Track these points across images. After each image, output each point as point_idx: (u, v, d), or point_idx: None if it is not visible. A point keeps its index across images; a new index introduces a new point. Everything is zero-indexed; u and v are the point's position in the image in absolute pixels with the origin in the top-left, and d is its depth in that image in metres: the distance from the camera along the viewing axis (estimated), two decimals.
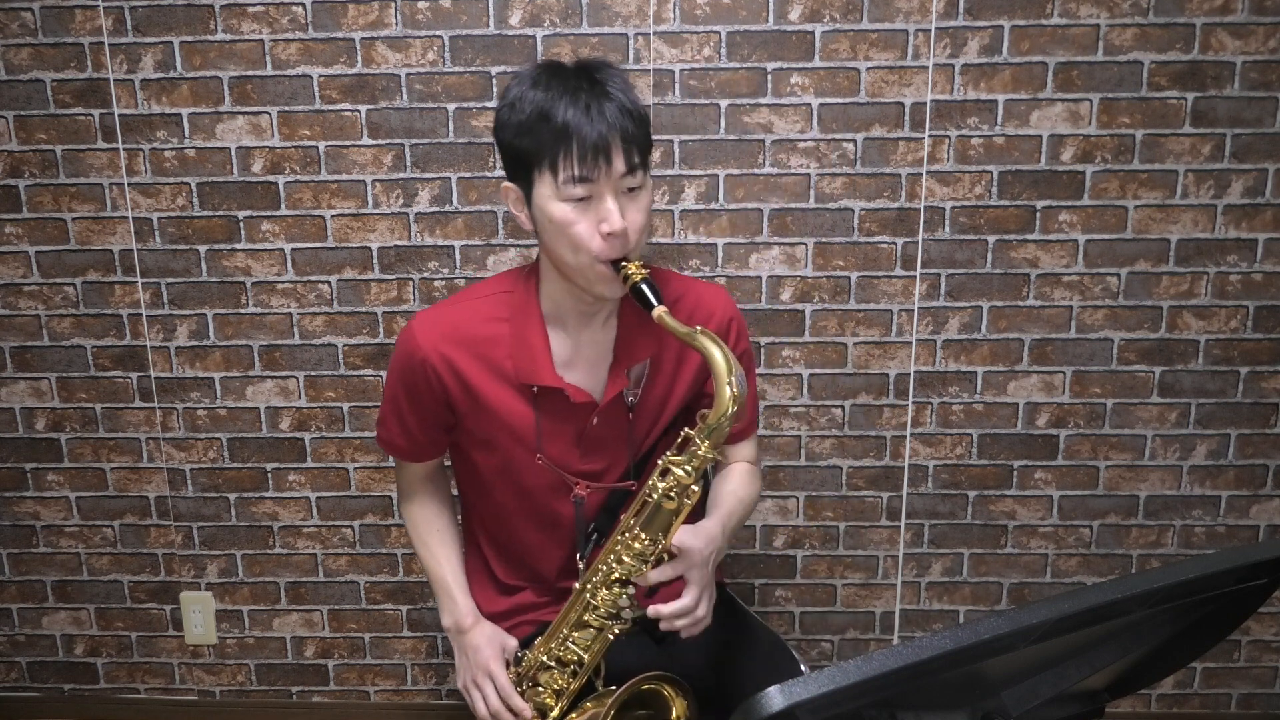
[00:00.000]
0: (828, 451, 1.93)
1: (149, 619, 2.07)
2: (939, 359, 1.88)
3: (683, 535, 1.13)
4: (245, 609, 2.05)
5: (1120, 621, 0.72)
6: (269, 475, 1.97)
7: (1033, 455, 1.92)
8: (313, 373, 1.92)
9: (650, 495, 1.11)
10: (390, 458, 1.62)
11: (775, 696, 0.57)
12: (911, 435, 1.92)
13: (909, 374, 1.89)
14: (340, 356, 1.91)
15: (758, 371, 1.87)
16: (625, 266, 1.09)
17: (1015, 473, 1.93)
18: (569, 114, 1.04)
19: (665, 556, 1.13)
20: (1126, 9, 1.72)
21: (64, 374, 1.93)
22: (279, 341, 1.90)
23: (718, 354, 1.05)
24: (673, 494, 1.09)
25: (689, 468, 1.09)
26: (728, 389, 1.05)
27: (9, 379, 1.94)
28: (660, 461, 1.11)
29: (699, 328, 1.08)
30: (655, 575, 1.11)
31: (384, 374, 1.91)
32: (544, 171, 1.07)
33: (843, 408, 1.91)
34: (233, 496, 1.98)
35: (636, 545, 1.12)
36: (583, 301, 1.19)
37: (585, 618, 1.19)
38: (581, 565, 1.27)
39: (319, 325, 1.90)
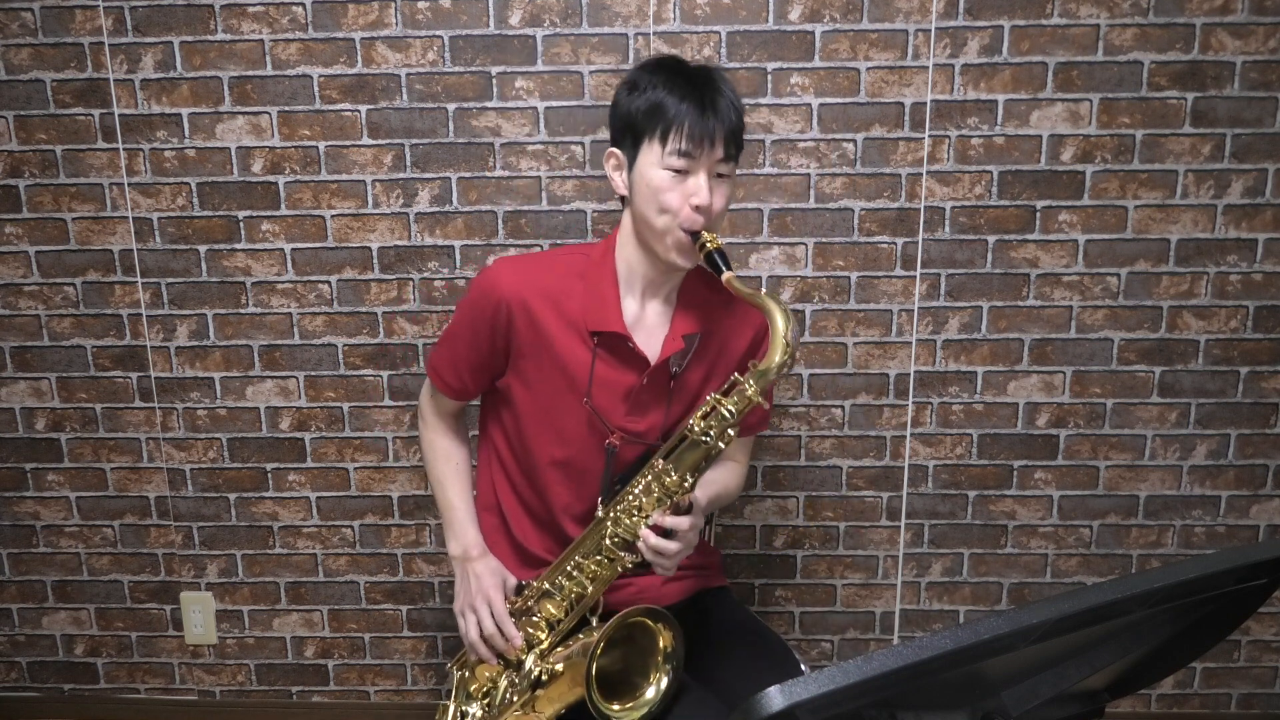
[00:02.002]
0: (828, 451, 1.93)
1: (149, 619, 2.07)
2: (939, 359, 1.88)
3: (697, 491, 1.23)
4: (245, 609, 2.05)
5: (1120, 621, 0.72)
6: (269, 475, 1.97)
7: (1033, 455, 1.92)
8: (313, 373, 1.92)
9: (690, 430, 1.19)
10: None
11: (775, 696, 0.57)
12: (911, 435, 1.92)
13: (909, 374, 1.89)
14: (340, 356, 1.91)
15: None
16: (703, 235, 1.20)
17: (1015, 473, 1.93)
18: (687, 100, 1.18)
19: (683, 505, 1.21)
20: (1126, 9, 1.72)
21: (64, 374, 1.93)
22: (279, 341, 1.90)
23: (776, 310, 1.15)
24: (710, 433, 1.17)
25: (733, 407, 1.17)
26: (782, 339, 1.14)
27: (9, 379, 1.94)
28: (708, 399, 1.19)
29: (762, 290, 1.19)
30: (666, 521, 1.20)
31: (384, 374, 1.91)
32: (653, 141, 1.20)
33: (843, 408, 1.91)
34: (233, 496, 1.98)
35: (666, 479, 1.20)
36: (655, 269, 1.28)
37: (600, 543, 1.24)
38: (600, 511, 1.30)
39: (319, 325, 1.90)
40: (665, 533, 1.19)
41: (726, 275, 1.18)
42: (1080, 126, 1.77)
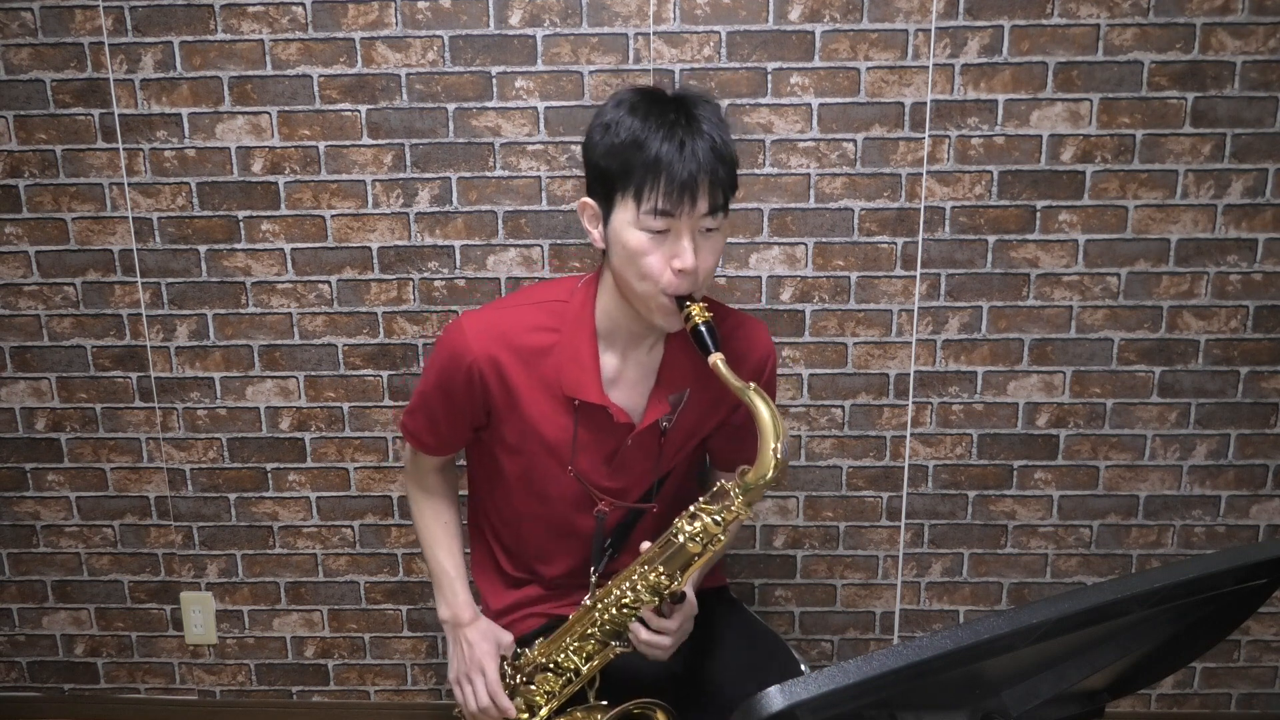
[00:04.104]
0: (828, 451, 1.93)
1: (149, 619, 2.07)
2: (939, 359, 1.88)
3: (688, 586, 1.17)
4: (245, 609, 2.05)
5: (1120, 621, 0.72)
6: (269, 475, 1.97)
7: (1033, 455, 1.92)
8: (313, 373, 1.92)
9: (676, 536, 1.12)
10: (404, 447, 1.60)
11: (775, 696, 0.57)
12: (911, 435, 1.92)
13: (909, 374, 1.89)
14: (340, 356, 1.91)
15: None
16: (689, 306, 1.09)
17: (1015, 473, 1.93)
18: (663, 148, 1.03)
19: (676, 595, 1.16)
20: (1126, 9, 1.72)
21: (64, 374, 1.93)
22: (279, 341, 1.90)
23: (766, 415, 1.05)
24: (698, 538, 1.10)
25: (719, 518, 1.09)
26: (771, 452, 1.05)
27: (9, 379, 1.94)
28: (692, 508, 1.12)
29: (751, 385, 1.08)
30: (654, 624, 1.15)
31: (384, 374, 1.91)
32: (627, 198, 1.06)
33: (843, 408, 1.91)
34: (233, 496, 1.98)
35: (653, 577, 1.14)
36: (638, 324, 1.18)
37: (590, 631, 1.21)
38: (594, 579, 1.28)
39: (319, 325, 1.90)
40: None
41: (713, 358, 1.07)
42: (1080, 126, 1.77)
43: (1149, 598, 0.68)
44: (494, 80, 1.77)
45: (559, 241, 1.84)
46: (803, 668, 1.35)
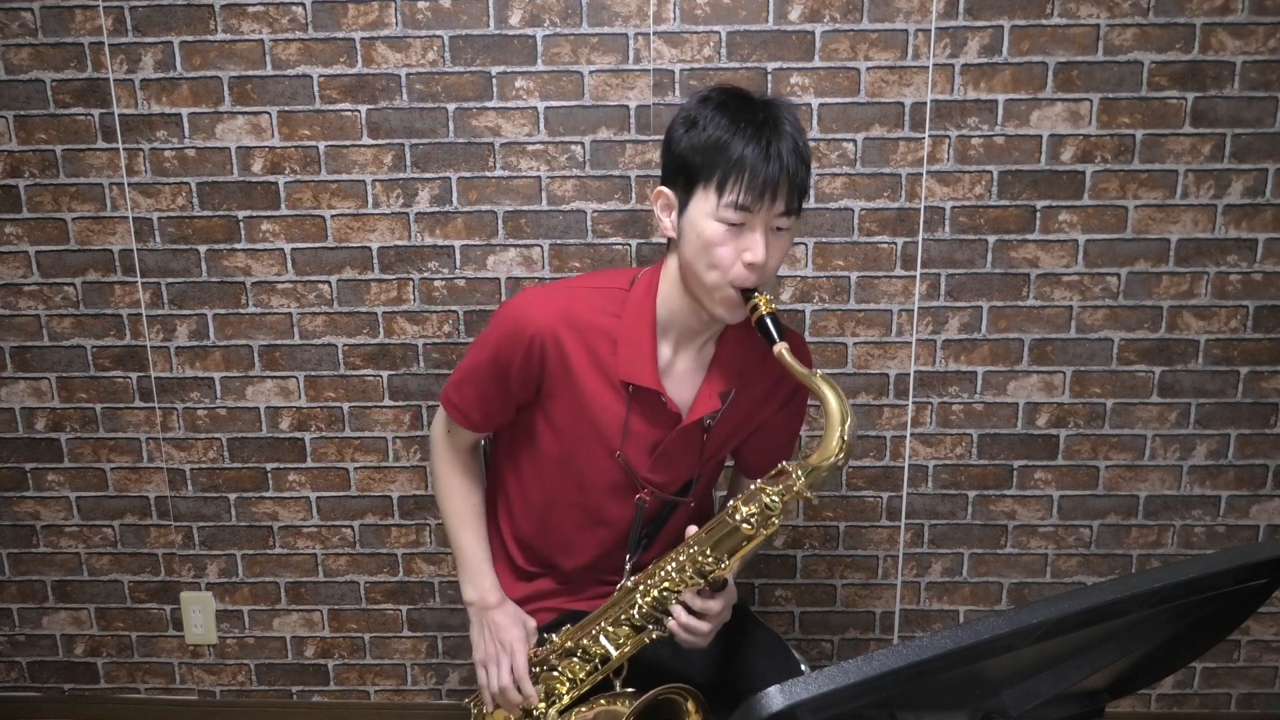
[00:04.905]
0: None
1: (149, 619, 2.07)
2: (939, 359, 1.88)
3: (730, 573, 1.16)
4: (245, 609, 2.05)
5: (1120, 621, 0.72)
6: (269, 475, 1.97)
7: (1033, 455, 1.92)
8: (313, 373, 1.92)
9: (732, 516, 1.12)
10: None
11: (775, 696, 0.57)
12: (911, 435, 1.92)
13: (909, 374, 1.89)
14: (340, 356, 1.91)
15: None
16: (755, 298, 1.12)
17: (1015, 473, 1.93)
18: (749, 146, 1.07)
19: (718, 583, 1.15)
20: (1126, 9, 1.72)
21: (64, 374, 1.93)
22: (279, 341, 1.90)
23: (833, 401, 1.08)
24: (753, 520, 1.11)
25: (777, 499, 1.10)
26: (838, 436, 1.07)
27: (9, 379, 1.94)
28: (754, 485, 1.13)
29: (818, 371, 1.11)
30: (698, 606, 1.14)
31: (384, 374, 1.91)
32: (709, 190, 1.10)
33: None
34: (233, 496, 1.98)
35: (701, 559, 1.14)
36: (697, 318, 1.20)
37: (628, 614, 1.20)
38: (629, 567, 1.27)
39: (319, 325, 1.90)
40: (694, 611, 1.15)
41: (778, 347, 1.10)
42: (1080, 126, 1.77)
43: (1149, 598, 0.68)
44: (494, 80, 1.77)
45: (559, 241, 1.84)
46: (803, 668, 1.35)
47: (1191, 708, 2.05)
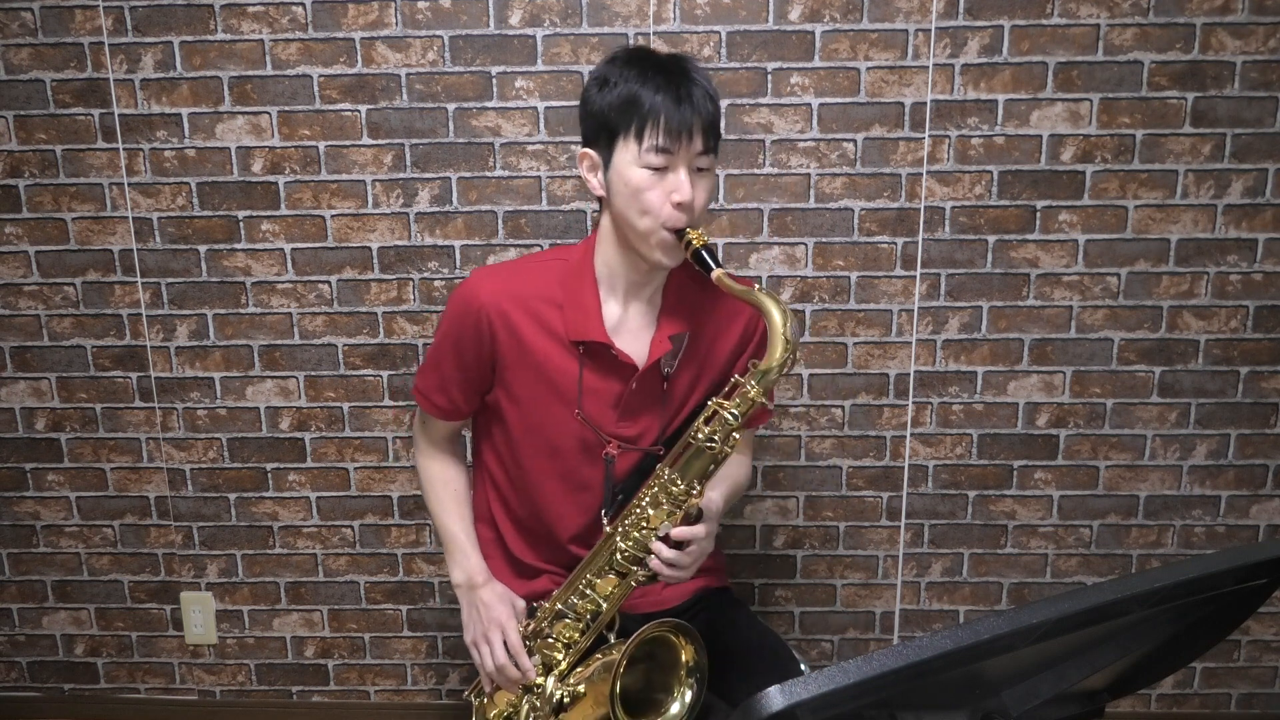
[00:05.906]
0: (828, 451, 1.93)
1: (149, 619, 2.07)
2: (939, 359, 1.88)
3: (708, 493, 1.19)
4: (245, 609, 2.05)
5: (1120, 621, 0.72)
6: (269, 475, 1.97)
7: (1033, 455, 1.92)
8: (313, 373, 1.92)
9: (694, 437, 1.16)
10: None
11: (775, 696, 0.57)
12: (911, 435, 1.92)
13: (909, 374, 1.89)
14: (340, 356, 1.91)
15: None
16: (688, 233, 1.17)
17: (1015, 473, 1.93)
18: (660, 94, 1.14)
19: (692, 513, 1.17)
20: (1126, 9, 1.72)
21: (64, 374, 1.93)
22: (279, 341, 1.90)
23: (773, 307, 1.12)
24: (715, 439, 1.14)
25: (736, 410, 1.14)
26: (780, 336, 1.11)
27: (9, 379, 1.94)
28: (709, 404, 1.16)
29: (756, 286, 1.15)
30: (679, 532, 1.16)
31: (384, 374, 1.91)
32: (629, 140, 1.16)
33: (843, 408, 1.91)
34: (233, 496, 1.98)
35: (674, 488, 1.17)
36: (636, 270, 1.25)
37: (612, 559, 1.21)
38: (606, 524, 1.28)
39: (319, 325, 1.90)
40: (675, 543, 1.16)
41: (717, 273, 1.14)
42: (1080, 126, 1.77)
43: (1149, 598, 0.68)
44: (494, 80, 1.77)
45: (559, 241, 1.84)
46: (803, 668, 1.35)
47: (1191, 708, 2.05)
